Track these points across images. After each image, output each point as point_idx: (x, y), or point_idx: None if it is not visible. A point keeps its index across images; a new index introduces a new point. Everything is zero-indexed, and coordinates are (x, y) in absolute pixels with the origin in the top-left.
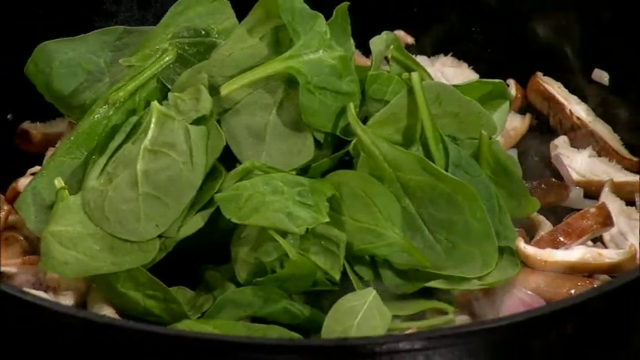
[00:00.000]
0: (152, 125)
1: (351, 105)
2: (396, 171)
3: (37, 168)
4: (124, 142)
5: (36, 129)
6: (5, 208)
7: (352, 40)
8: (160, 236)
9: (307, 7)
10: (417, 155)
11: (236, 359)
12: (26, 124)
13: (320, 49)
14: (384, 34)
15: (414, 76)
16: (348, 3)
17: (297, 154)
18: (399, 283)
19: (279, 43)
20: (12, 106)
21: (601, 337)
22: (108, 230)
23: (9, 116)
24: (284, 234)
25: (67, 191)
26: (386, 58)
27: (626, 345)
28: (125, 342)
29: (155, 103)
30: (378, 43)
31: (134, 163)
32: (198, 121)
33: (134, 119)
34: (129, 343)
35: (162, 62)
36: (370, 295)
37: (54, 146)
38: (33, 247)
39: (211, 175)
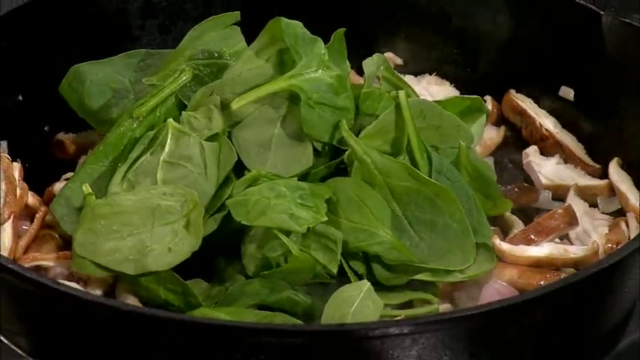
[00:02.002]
0: (168, 140)
1: (344, 121)
2: (385, 177)
3: (70, 174)
4: (143, 153)
5: (69, 139)
6: (42, 209)
7: (348, 62)
8: None
9: (308, 32)
10: (404, 163)
11: (245, 342)
12: (61, 135)
13: (319, 69)
14: (376, 56)
15: (401, 94)
16: (345, 29)
17: (298, 162)
18: (389, 276)
19: (283, 63)
20: (48, 119)
21: (567, 324)
22: None
23: (46, 128)
24: (287, 233)
25: (94, 197)
26: (377, 77)
27: (588, 330)
28: (147, 327)
29: (170, 121)
30: (370, 64)
31: (154, 173)
32: (211, 138)
33: (151, 133)
34: (151, 328)
35: (180, 81)
36: (365, 286)
37: (85, 154)
38: (66, 244)
39: (223, 183)
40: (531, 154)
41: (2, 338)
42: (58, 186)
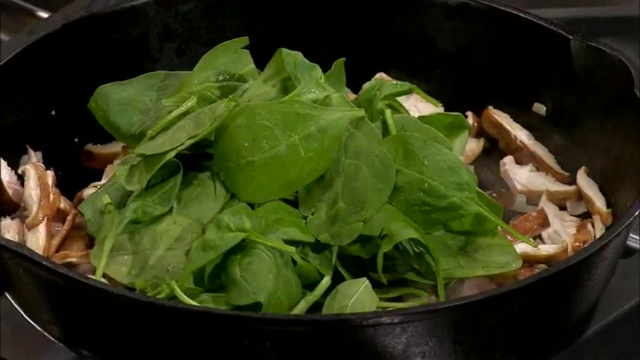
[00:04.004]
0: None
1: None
2: None
3: (97, 183)
4: None
5: (97, 150)
6: (73, 212)
7: (346, 88)
8: None
9: (307, 60)
10: None
11: (253, 330)
12: (89, 146)
13: (316, 90)
14: (374, 80)
15: (387, 112)
16: (345, 59)
17: None
18: (382, 275)
19: (287, 89)
20: (78, 131)
21: (540, 313)
22: None
23: (76, 140)
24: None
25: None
26: None
27: (559, 319)
28: (165, 317)
29: None
30: (368, 87)
31: None
32: None
33: None
34: (168, 318)
35: (186, 106)
36: (363, 283)
37: (111, 164)
38: (93, 243)
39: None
40: (507, 163)
41: (9, 298)
42: (86, 192)
